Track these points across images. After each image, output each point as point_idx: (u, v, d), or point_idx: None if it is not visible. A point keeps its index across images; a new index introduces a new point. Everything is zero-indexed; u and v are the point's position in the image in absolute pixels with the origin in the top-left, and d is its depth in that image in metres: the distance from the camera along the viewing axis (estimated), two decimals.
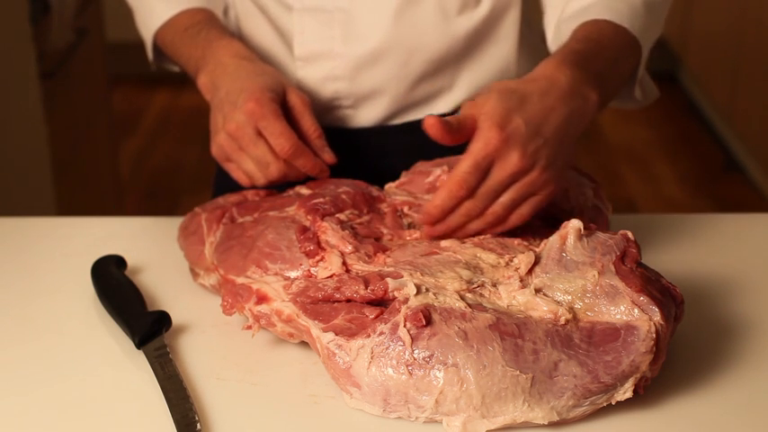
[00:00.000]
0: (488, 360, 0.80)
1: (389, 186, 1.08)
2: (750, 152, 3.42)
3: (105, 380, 0.89)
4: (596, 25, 1.04)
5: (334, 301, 0.88)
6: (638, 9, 1.08)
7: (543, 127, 0.91)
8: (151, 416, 0.84)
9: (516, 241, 0.94)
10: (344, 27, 1.17)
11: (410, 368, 0.81)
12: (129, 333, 0.93)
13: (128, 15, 1.32)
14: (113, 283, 1.01)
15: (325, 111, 1.22)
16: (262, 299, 0.90)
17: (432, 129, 0.90)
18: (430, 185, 1.07)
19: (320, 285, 0.89)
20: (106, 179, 2.78)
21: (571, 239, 0.87)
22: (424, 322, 0.81)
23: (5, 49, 2.12)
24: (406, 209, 1.03)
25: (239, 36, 1.26)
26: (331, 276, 0.91)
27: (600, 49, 1.01)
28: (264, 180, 1.06)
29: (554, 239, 0.88)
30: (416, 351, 0.81)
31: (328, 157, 1.08)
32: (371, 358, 0.82)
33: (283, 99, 1.07)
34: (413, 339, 0.81)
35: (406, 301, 0.84)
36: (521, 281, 0.86)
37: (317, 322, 0.86)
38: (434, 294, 0.84)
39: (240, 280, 0.94)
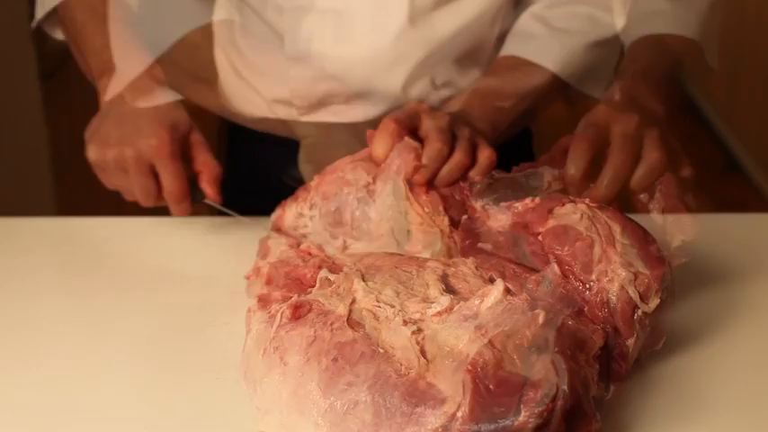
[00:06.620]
0: (308, 371, 0.77)
1: None
2: (750, 152, 3.42)
3: (106, 382, 0.89)
4: (662, 40, 1.15)
5: (293, 278, 0.93)
6: (703, 12, 1.17)
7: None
8: (152, 414, 0.84)
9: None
10: (335, 28, 1.17)
11: (265, 350, 0.81)
12: None
13: None
14: None
15: (317, 107, 1.22)
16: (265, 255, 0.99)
17: None
18: None
19: (295, 262, 0.94)
20: None
21: (489, 300, 0.78)
22: (297, 315, 0.81)
23: (5, 49, 2.12)
24: None
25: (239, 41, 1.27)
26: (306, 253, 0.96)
27: (662, 64, 1.12)
28: (135, 200, 1.09)
29: (480, 293, 0.80)
30: (275, 338, 0.81)
31: (211, 192, 1.09)
32: (257, 330, 0.83)
33: (187, 135, 1.09)
34: (279, 326, 0.81)
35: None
36: (407, 321, 0.79)
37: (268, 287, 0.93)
38: (339, 295, 0.83)
39: None
